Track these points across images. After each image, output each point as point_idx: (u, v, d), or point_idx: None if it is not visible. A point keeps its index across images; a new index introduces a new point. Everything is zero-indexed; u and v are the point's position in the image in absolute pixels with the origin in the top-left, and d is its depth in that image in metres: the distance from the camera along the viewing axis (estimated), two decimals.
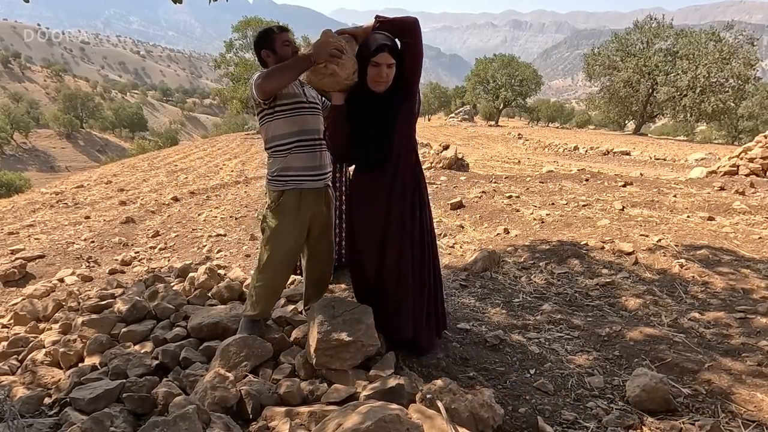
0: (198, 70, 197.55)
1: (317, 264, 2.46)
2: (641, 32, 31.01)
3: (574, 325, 2.56)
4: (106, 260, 4.42)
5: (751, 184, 6.03)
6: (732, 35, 29.48)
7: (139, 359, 2.07)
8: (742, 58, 27.97)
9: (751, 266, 3.28)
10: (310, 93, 2.21)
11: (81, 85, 78.27)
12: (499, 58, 38.82)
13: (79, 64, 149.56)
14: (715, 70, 27.85)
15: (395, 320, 2.15)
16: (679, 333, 2.43)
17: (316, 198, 2.23)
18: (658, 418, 1.80)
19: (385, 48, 1.85)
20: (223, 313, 2.51)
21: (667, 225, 4.33)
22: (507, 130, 27.71)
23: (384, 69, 1.87)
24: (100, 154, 46.37)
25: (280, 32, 2.13)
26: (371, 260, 2.13)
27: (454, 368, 2.16)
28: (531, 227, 4.54)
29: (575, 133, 29.08)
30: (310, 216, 2.24)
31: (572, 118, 46.38)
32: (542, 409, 1.84)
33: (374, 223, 2.07)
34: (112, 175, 15.08)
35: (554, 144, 19.80)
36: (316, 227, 2.31)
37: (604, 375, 2.09)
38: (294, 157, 2.14)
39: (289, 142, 2.12)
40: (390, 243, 2.07)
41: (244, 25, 31.07)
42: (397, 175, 2.02)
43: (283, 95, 2.07)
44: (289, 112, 2.10)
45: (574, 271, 3.36)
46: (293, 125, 2.11)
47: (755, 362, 2.12)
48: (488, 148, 20.02)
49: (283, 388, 1.87)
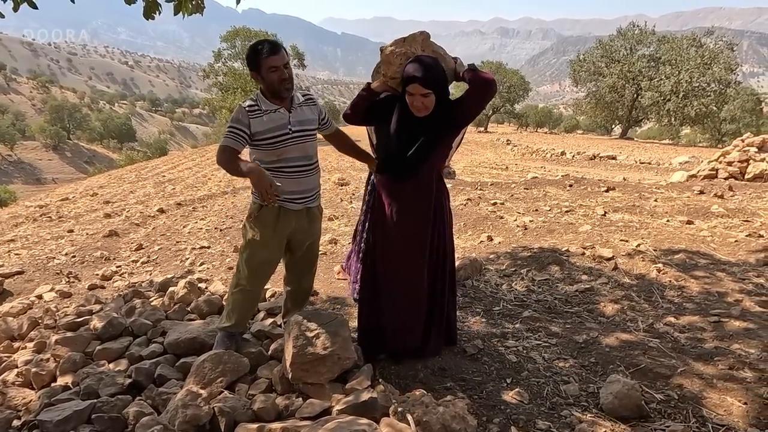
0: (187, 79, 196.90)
1: (297, 277, 2.46)
2: (625, 39, 31.67)
3: (553, 333, 2.58)
4: (86, 275, 4.36)
5: (729, 188, 6.15)
6: (712, 41, 30.26)
7: (111, 378, 2.04)
8: (723, 63, 28.66)
9: (727, 269, 3.34)
10: (301, 120, 2.13)
11: (68, 96, 77.52)
12: (487, 65, 39.30)
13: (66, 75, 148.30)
14: (697, 75, 28.52)
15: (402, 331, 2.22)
16: (654, 338, 2.46)
17: (296, 215, 2.22)
18: (631, 424, 1.81)
19: (416, 79, 1.88)
20: (201, 328, 2.49)
21: (646, 229, 4.40)
22: (496, 136, 27.96)
23: (418, 98, 1.91)
24: (88, 166, 45.81)
25: (268, 55, 1.99)
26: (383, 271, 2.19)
27: (431, 379, 2.16)
28: (514, 234, 4.58)
29: (563, 138, 29.45)
30: (289, 231, 2.24)
31: (560, 123, 46.98)
32: (516, 418, 1.85)
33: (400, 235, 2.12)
34: (99, 187, 14.91)
35: (542, 149, 20.02)
36: (296, 241, 2.31)
37: (580, 382, 2.10)
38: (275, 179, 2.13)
39: (269, 167, 2.10)
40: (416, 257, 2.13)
41: (232, 35, 31.15)
42: (416, 189, 2.08)
43: (263, 132, 2.05)
44: (269, 146, 2.07)
45: (555, 277, 3.39)
46: (273, 155, 2.10)
47: (727, 366, 2.15)
48: (477, 154, 20.17)
49: (258, 403, 1.85)
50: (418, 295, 2.19)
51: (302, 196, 2.18)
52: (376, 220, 2.20)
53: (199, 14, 2.53)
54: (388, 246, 2.17)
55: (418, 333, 2.24)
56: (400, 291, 2.20)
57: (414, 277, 2.16)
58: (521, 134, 33.10)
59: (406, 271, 2.16)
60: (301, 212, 2.21)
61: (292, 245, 2.31)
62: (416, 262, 2.15)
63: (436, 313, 2.22)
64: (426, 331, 2.25)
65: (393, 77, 2.00)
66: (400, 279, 2.18)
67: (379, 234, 2.20)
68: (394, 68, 1.97)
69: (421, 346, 2.27)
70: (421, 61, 1.94)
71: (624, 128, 32.94)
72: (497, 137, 27.06)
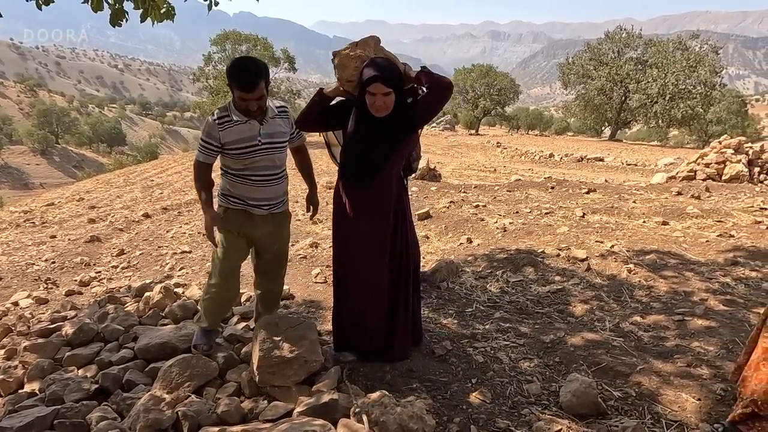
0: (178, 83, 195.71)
1: (266, 281, 2.48)
2: (612, 42, 32.14)
3: (521, 333, 2.62)
4: (65, 281, 4.34)
5: (706, 189, 6.27)
6: (698, 44, 30.82)
7: (77, 384, 2.04)
8: (708, 66, 29.19)
9: (695, 269, 3.42)
10: (271, 132, 2.13)
11: (56, 100, 76.63)
12: (477, 68, 39.57)
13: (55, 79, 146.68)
14: (683, 78, 29.03)
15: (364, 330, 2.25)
16: (619, 337, 2.52)
17: (261, 219, 2.24)
18: (588, 422, 1.86)
19: (377, 78, 1.90)
20: (172, 333, 2.50)
21: (622, 230, 4.48)
22: (486, 139, 28.13)
23: (379, 97, 1.93)
24: (77, 170, 45.30)
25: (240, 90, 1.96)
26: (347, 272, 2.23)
27: (398, 380, 2.19)
28: (493, 236, 4.64)
29: (553, 140, 29.71)
30: (255, 235, 2.27)
31: (551, 126, 47.40)
32: (477, 417, 1.89)
33: (363, 237, 2.15)
34: (85, 192, 14.77)
35: (531, 152, 20.20)
36: (263, 245, 2.34)
37: (543, 381, 2.15)
38: (241, 186, 2.18)
39: (237, 174, 2.16)
40: (365, 257, 2.17)
41: (222, 38, 31.05)
42: (379, 191, 2.10)
43: (232, 142, 2.08)
44: (238, 156, 2.11)
45: (529, 279, 3.44)
46: (240, 164, 2.14)
47: (685, 363, 2.21)
48: (467, 156, 20.28)
49: (222, 407, 1.87)
50: (380, 295, 2.21)
51: (268, 203, 2.22)
52: (338, 223, 2.22)
53: (170, 21, 2.56)
54: (350, 248, 2.20)
55: (382, 333, 2.25)
56: (364, 292, 2.22)
57: (376, 278, 2.18)
58: (512, 137, 33.35)
59: (368, 272, 2.19)
60: (266, 217, 2.24)
61: (258, 249, 2.35)
62: (378, 262, 2.17)
63: (400, 313, 2.25)
64: (390, 330, 2.27)
65: (349, 80, 2.02)
66: (363, 280, 2.21)
67: (341, 237, 2.23)
68: (350, 71, 2.00)
69: (386, 346, 2.27)
70: (380, 62, 1.98)
71: (613, 130, 33.35)
72: (488, 140, 27.23)
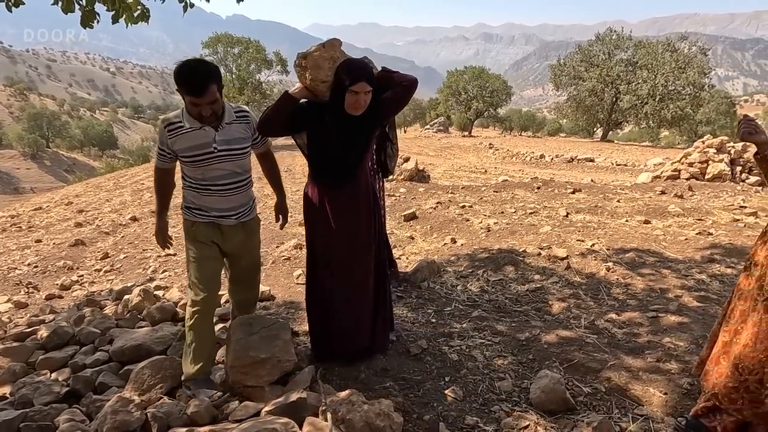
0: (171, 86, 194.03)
1: (240, 289, 2.39)
2: (603, 44, 32.45)
3: (498, 331, 2.64)
4: (46, 285, 4.30)
5: (689, 188, 6.35)
6: (686, 46, 31.22)
7: (47, 387, 2.03)
8: (697, 67, 29.55)
9: (672, 267, 3.46)
10: (228, 139, 2.03)
11: (47, 104, 76.01)
12: (470, 70, 39.78)
13: (45, 82, 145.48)
14: (672, 79, 29.35)
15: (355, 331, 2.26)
16: (593, 334, 2.54)
17: (231, 229, 2.16)
18: (556, 417, 1.88)
19: (362, 78, 1.95)
20: (147, 335, 2.50)
21: (604, 229, 4.52)
22: (479, 140, 28.26)
23: (362, 96, 1.97)
24: (68, 174, 44.92)
25: (187, 94, 1.85)
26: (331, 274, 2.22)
27: (373, 379, 2.20)
28: (478, 236, 4.66)
29: (545, 141, 29.91)
30: (229, 248, 2.18)
31: (544, 127, 47.71)
32: (447, 415, 1.90)
33: (342, 238, 2.15)
34: (74, 196, 14.67)
35: (522, 153, 20.31)
36: (235, 255, 2.24)
37: (515, 379, 2.17)
38: (205, 196, 2.09)
39: (196, 184, 2.08)
40: (350, 257, 2.18)
41: (214, 41, 31.04)
42: (356, 190, 2.13)
43: (184, 150, 2.00)
44: (192, 164, 2.02)
45: (509, 278, 3.46)
46: (197, 172, 2.05)
47: (655, 359, 2.24)
48: (459, 158, 20.36)
49: (192, 408, 1.87)
50: (367, 293, 2.24)
51: (235, 212, 2.14)
52: (315, 227, 2.21)
53: (145, 22, 2.56)
54: (335, 249, 2.19)
55: (367, 331, 2.28)
56: (353, 292, 2.23)
57: (364, 276, 2.20)
58: (504, 138, 33.50)
59: (355, 271, 2.20)
60: (236, 227, 2.16)
61: (230, 258, 2.25)
62: (364, 260, 2.20)
63: (380, 308, 2.28)
64: (372, 328, 2.30)
65: (323, 81, 2.02)
66: (350, 280, 2.22)
67: (322, 239, 2.21)
68: (325, 72, 1.99)
69: (370, 344, 2.31)
70: (359, 62, 2.01)
71: (604, 131, 33.63)
72: (480, 141, 27.34)
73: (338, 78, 2.00)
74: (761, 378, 1.58)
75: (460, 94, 38.90)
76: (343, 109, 2.02)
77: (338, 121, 2.06)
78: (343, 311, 2.25)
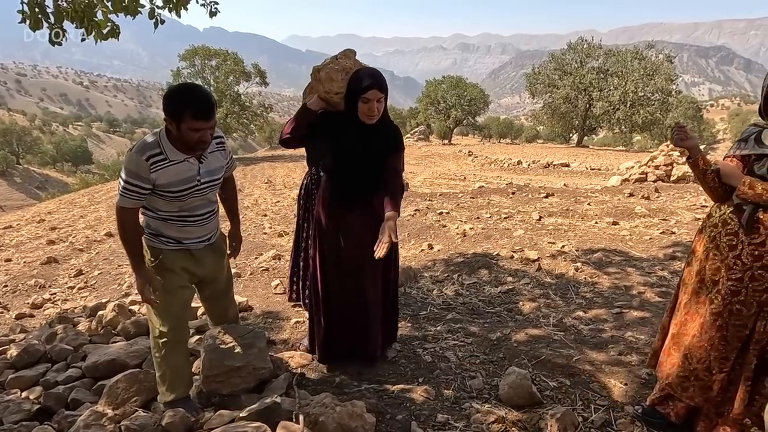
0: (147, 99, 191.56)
1: (219, 309, 2.30)
2: (575, 52, 33.57)
3: (470, 333, 2.72)
4: (16, 305, 4.20)
5: (656, 189, 6.62)
6: (653, 54, 32.57)
7: (17, 405, 2.01)
8: (664, 74, 30.82)
9: (637, 265, 3.62)
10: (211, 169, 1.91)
11: (17, 119, 73.85)
12: (448, 79, 40.50)
13: (15, 97, 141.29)
14: (642, 86, 30.53)
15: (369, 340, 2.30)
16: (561, 331, 2.65)
17: (201, 253, 2.02)
18: (524, 411, 1.96)
19: (374, 85, 1.96)
20: (122, 349, 2.48)
21: (574, 231, 4.69)
22: (459, 148, 28.69)
23: (374, 104, 1.98)
24: (40, 191, 43.57)
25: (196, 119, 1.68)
26: (348, 287, 2.22)
27: (348, 383, 2.24)
28: (454, 241, 4.77)
29: (523, 148, 30.57)
30: (202, 273, 2.05)
31: (521, 134, 48.78)
32: (419, 414, 1.96)
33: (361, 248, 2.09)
34: (47, 213, 14.25)
35: (500, 159, 20.72)
36: (209, 279, 2.12)
37: (485, 377, 2.24)
38: (177, 227, 1.92)
39: (167, 215, 1.89)
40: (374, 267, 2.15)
41: (191, 53, 30.80)
42: (377, 204, 2.06)
43: (167, 185, 1.79)
44: (172, 198, 1.84)
45: (483, 280, 3.56)
46: (174, 206, 1.88)
47: (617, 352, 2.35)
48: (439, 166, 20.62)
49: (166, 419, 1.87)
50: (376, 304, 2.27)
51: (206, 237, 2.03)
52: (331, 241, 2.19)
53: (115, 39, 2.59)
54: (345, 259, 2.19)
55: (377, 340, 2.33)
56: (366, 301, 2.24)
57: (375, 284, 2.23)
58: (483, 146, 34.11)
59: (369, 281, 2.21)
60: (206, 249, 2.04)
61: (205, 282, 2.12)
62: (377, 270, 2.21)
63: (389, 320, 2.37)
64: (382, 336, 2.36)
65: (337, 92, 2.04)
66: (365, 290, 2.22)
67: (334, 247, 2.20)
68: (338, 84, 2.02)
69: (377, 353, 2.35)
70: (370, 70, 2.05)
71: (579, 136, 34.60)
72: (460, 149, 27.76)
73: (350, 87, 2.02)
74: (708, 366, 1.70)
75: (439, 103, 39.50)
76: (358, 118, 2.03)
77: (355, 132, 2.07)
78: (357, 321, 2.27)
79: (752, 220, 1.54)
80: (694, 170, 1.70)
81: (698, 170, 1.68)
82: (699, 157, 1.67)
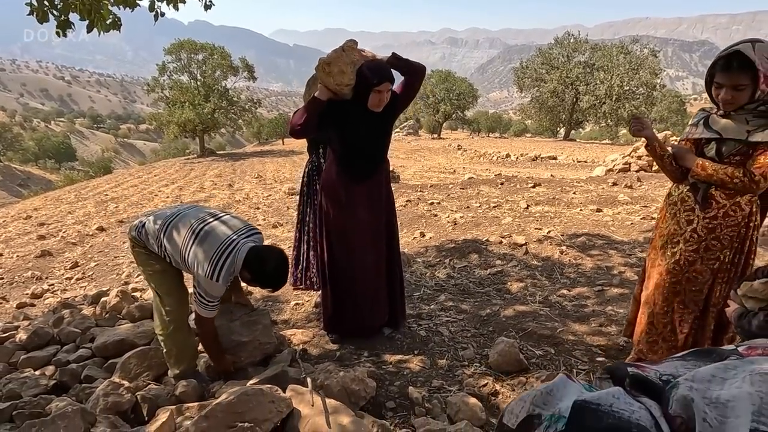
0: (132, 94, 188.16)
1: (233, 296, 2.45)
2: (562, 47, 33.90)
3: (462, 310, 2.88)
4: (15, 295, 4.25)
5: (638, 179, 6.87)
6: (638, 48, 33.06)
7: (35, 381, 2.11)
8: (648, 69, 31.33)
9: (618, 248, 3.82)
10: None
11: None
12: (437, 74, 40.60)
13: None
14: (627, 80, 31.00)
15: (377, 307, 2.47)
16: (546, 307, 2.83)
17: None
18: (512, 376, 2.13)
19: (386, 78, 2.16)
20: (130, 330, 2.58)
21: (559, 218, 4.88)
22: (448, 142, 28.91)
23: (384, 95, 2.19)
24: (22, 189, 42.66)
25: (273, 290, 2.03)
26: (360, 259, 2.40)
27: (348, 356, 2.39)
28: (445, 229, 4.93)
29: (511, 142, 30.89)
30: None
31: (510, 128, 49.16)
32: (415, 380, 2.11)
33: (366, 225, 2.35)
34: (33, 209, 14.06)
35: (489, 153, 20.99)
36: None
37: (476, 348, 2.40)
38: None
39: None
40: (377, 241, 2.40)
41: (176, 47, 30.33)
42: (382, 180, 2.37)
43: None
44: None
45: (473, 264, 3.73)
46: None
47: (598, 324, 2.53)
48: (429, 159, 20.81)
49: (180, 389, 2.00)
50: (381, 274, 2.46)
51: None
52: (340, 219, 2.36)
53: (117, 31, 2.66)
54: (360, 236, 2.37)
55: (385, 308, 2.50)
56: (372, 272, 2.42)
57: (380, 256, 2.42)
58: (473, 140, 34.37)
59: (375, 254, 2.41)
60: None
61: None
62: (382, 243, 2.42)
63: (397, 283, 2.52)
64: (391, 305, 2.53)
65: (348, 84, 2.16)
66: (372, 262, 2.41)
67: (348, 228, 2.37)
68: (348, 76, 2.14)
69: (386, 321, 2.54)
70: (382, 63, 2.21)
71: (566, 130, 35.05)
72: (449, 143, 27.99)
73: (363, 78, 2.16)
74: (673, 327, 1.88)
75: (428, 97, 39.61)
76: (366, 106, 2.21)
77: (363, 118, 2.24)
78: (364, 290, 2.44)
79: (706, 197, 1.72)
80: (652, 155, 1.88)
81: (656, 155, 1.86)
82: (656, 144, 1.85)
